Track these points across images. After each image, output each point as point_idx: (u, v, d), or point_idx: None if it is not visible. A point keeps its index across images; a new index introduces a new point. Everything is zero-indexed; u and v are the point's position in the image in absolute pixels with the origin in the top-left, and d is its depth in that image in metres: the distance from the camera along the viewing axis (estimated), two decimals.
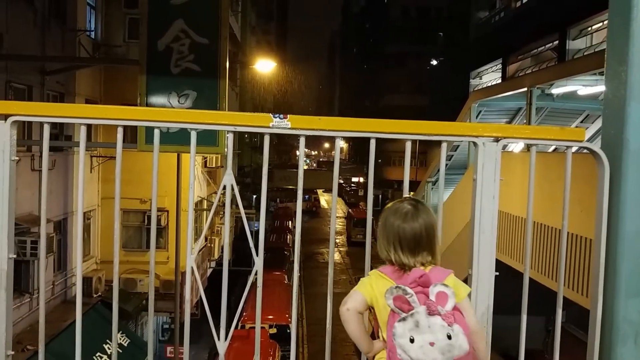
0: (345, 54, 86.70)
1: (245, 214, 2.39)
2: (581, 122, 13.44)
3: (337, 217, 46.38)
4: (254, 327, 2.54)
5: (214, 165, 19.82)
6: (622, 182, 2.15)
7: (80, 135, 2.14)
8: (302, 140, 2.20)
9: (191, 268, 2.25)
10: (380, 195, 40.90)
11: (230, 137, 2.18)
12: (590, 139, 12.42)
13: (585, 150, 2.26)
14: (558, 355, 2.28)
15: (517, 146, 11.43)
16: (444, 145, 2.29)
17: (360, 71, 64.62)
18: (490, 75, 26.62)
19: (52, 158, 12.02)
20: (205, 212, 18.13)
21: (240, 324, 13.94)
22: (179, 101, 8.71)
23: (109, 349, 11.20)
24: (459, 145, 14.03)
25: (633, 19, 2.12)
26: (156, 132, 2.17)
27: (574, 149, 2.27)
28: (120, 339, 12.19)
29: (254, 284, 2.29)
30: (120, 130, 2.15)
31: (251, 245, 2.28)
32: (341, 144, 2.26)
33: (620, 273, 2.16)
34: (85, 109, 2.23)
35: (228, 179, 2.18)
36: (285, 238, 28.53)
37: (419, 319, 1.81)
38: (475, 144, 2.18)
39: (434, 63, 40.31)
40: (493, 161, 2.17)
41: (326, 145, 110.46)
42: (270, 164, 2.52)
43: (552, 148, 9.75)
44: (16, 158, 2.10)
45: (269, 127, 2.12)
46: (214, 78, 8.72)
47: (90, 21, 14.54)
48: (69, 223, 13.25)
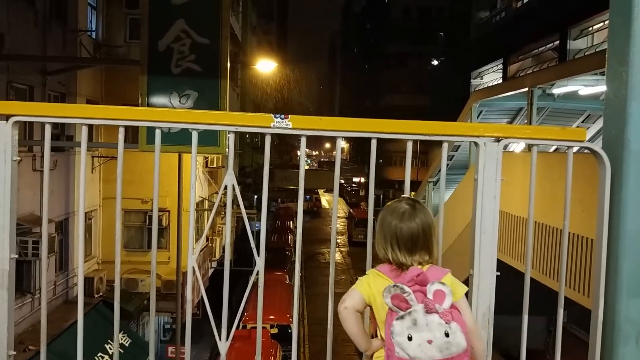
0: (346, 54, 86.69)
1: (246, 214, 2.39)
2: (582, 122, 13.43)
3: (338, 217, 46.55)
4: (255, 327, 2.54)
5: (215, 166, 19.83)
6: (623, 182, 2.15)
7: (82, 136, 2.14)
8: (303, 141, 2.20)
9: (192, 268, 2.25)
10: (382, 195, 40.85)
11: (231, 138, 2.19)
12: (592, 139, 12.41)
13: (586, 150, 2.26)
14: (559, 355, 2.28)
15: (518, 146, 11.43)
16: (445, 146, 2.29)
17: (361, 71, 64.59)
18: (491, 75, 26.60)
19: (54, 158, 12.03)
20: (206, 212, 18.14)
21: (241, 324, 13.93)
22: (180, 101, 8.72)
23: (111, 349, 11.20)
24: (460, 145, 14.03)
25: (634, 19, 2.12)
26: (157, 133, 2.17)
27: (575, 149, 2.26)
28: (121, 339, 12.19)
29: (255, 284, 2.29)
30: (121, 131, 2.15)
31: (252, 245, 2.28)
32: (342, 144, 2.26)
33: (621, 273, 2.15)
34: (87, 109, 2.23)
35: (229, 179, 2.18)
36: (287, 238, 28.51)
37: (416, 317, 1.82)
38: (476, 144, 2.18)
39: (435, 63, 40.26)
40: (494, 161, 2.17)
41: (327, 145, 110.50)
42: (271, 164, 2.52)
43: (553, 148, 9.75)
44: (17, 158, 2.10)
45: (270, 128, 2.12)
46: (215, 78, 8.73)
47: (91, 21, 14.56)
48: (70, 223, 13.26)
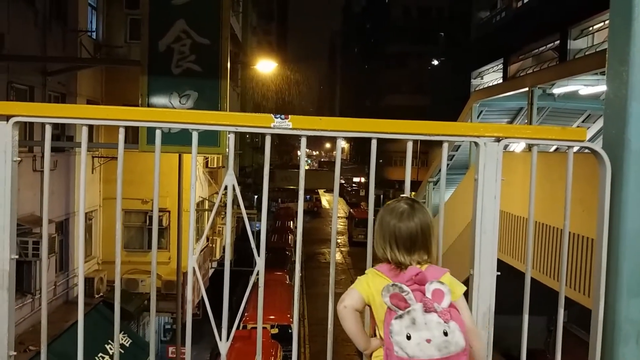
0: (346, 54, 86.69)
1: (246, 214, 2.40)
2: (582, 122, 13.42)
3: (339, 217, 46.56)
4: (255, 328, 2.54)
5: (215, 166, 19.83)
6: (624, 182, 2.15)
7: (82, 136, 2.14)
8: (304, 141, 2.21)
9: (193, 268, 2.25)
10: (382, 195, 40.84)
11: (231, 138, 2.19)
12: (592, 139, 12.41)
13: (586, 150, 2.26)
14: (560, 355, 2.28)
15: (519, 146, 11.42)
16: (445, 146, 2.28)
17: (361, 71, 64.58)
18: (492, 75, 26.58)
19: (54, 159, 12.03)
20: (206, 213, 18.14)
21: (241, 324, 13.93)
22: (180, 102, 8.72)
23: (111, 349, 11.20)
24: (460, 145, 14.02)
25: (634, 19, 2.12)
26: (158, 133, 2.18)
27: (576, 149, 2.26)
28: (122, 340, 12.19)
29: (255, 284, 2.29)
30: (121, 131, 2.15)
31: (253, 245, 2.28)
32: (342, 144, 2.26)
33: (622, 273, 2.15)
34: (87, 110, 2.23)
35: (229, 179, 2.18)
36: (287, 238, 28.52)
37: (415, 316, 1.82)
38: (476, 144, 2.18)
39: (435, 63, 40.24)
40: (494, 161, 2.17)
41: (327, 145, 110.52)
42: (271, 164, 2.52)
43: (554, 148, 9.74)
44: (18, 159, 2.10)
45: (270, 128, 2.12)
46: (215, 78, 8.73)
47: (91, 22, 14.57)
48: (70, 223, 13.26)
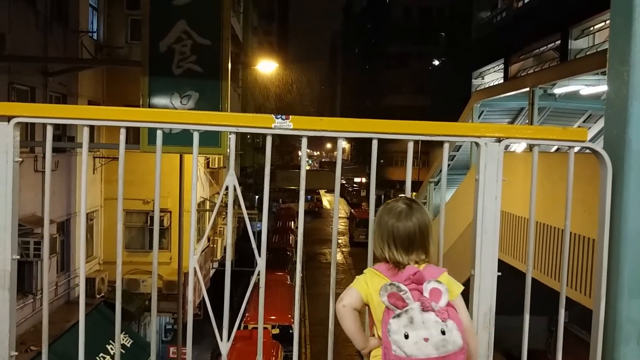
0: (347, 54, 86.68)
1: (247, 214, 2.40)
2: (584, 122, 13.41)
3: (340, 218, 46.58)
4: (256, 328, 2.54)
5: (216, 166, 19.84)
6: (625, 182, 2.15)
7: (83, 137, 2.15)
8: (305, 141, 2.21)
9: (194, 269, 2.25)
10: (383, 196, 40.81)
11: (232, 138, 2.19)
12: (593, 139, 12.40)
13: (587, 150, 2.26)
14: (561, 356, 2.28)
15: (520, 146, 11.42)
16: (446, 146, 2.28)
17: (362, 71, 64.56)
18: (493, 76, 26.57)
19: (55, 159, 12.04)
20: (207, 213, 18.14)
21: (242, 325, 13.94)
22: (181, 102, 8.72)
23: (112, 349, 11.21)
24: (461, 146, 14.02)
25: (635, 19, 2.12)
26: (159, 133, 2.18)
27: (577, 149, 2.26)
28: (123, 340, 12.20)
29: (256, 284, 2.29)
30: (122, 132, 2.15)
31: (254, 245, 2.28)
32: (343, 144, 2.26)
33: (623, 273, 2.15)
34: (88, 110, 2.23)
35: (230, 179, 2.18)
36: (288, 238, 28.53)
37: (413, 315, 1.83)
38: (477, 144, 2.18)
39: (436, 63, 40.20)
40: (495, 161, 2.17)
41: (328, 145, 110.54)
42: (272, 164, 2.52)
43: (555, 148, 9.74)
44: (19, 159, 2.10)
45: (271, 128, 2.12)
46: (216, 79, 8.73)
47: (92, 22, 14.58)
48: (72, 224, 13.27)
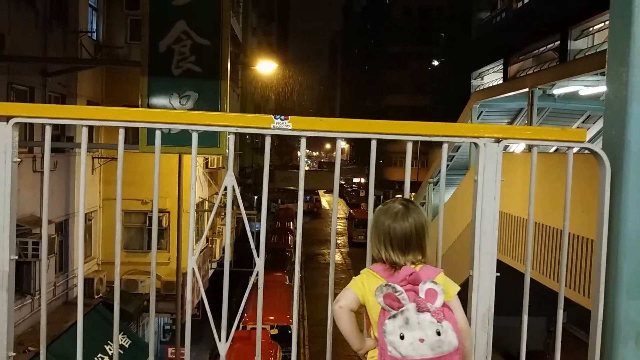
0: (347, 54, 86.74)
1: (246, 215, 2.39)
2: (583, 123, 13.42)
3: (339, 218, 46.51)
4: (255, 328, 2.54)
5: (215, 166, 19.84)
6: (623, 183, 2.15)
7: (82, 137, 2.14)
8: (304, 142, 2.21)
9: (192, 269, 2.25)
10: (382, 196, 40.85)
11: (231, 139, 2.19)
12: (592, 140, 12.40)
13: (586, 151, 2.26)
14: (559, 356, 2.28)
15: (519, 147, 11.43)
16: (445, 146, 2.28)
17: (362, 71, 64.58)
18: (492, 76, 26.58)
19: (54, 159, 12.03)
20: (206, 213, 18.14)
21: (241, 325, 13.93)
22: (180, 102, 8.72)
23: (110, 350, 11.20)
24: (460, 146, 14.02)
25: (634, 20, 2.12)
26: (157, 134, 2.17)
27: (575, 150, 2.27)
28: (121, 340, 12.19)
29: (255, 285, 2.29)
30: (121, 132, 2.15)
31: (252, 246, 2.28)
32: (342, 144, 2.26)
33: (621, 273, 2.15)
34: (87, 111, 2.23)
35: (229, 180, 2.18)
36: (287, 239, 28.50)
37: (408, 316, 1.83)
38: (476, 144, 2.18)
39: (436, 63, 40.19)
40: (494, 162, 2.17)
41: (327, 146, 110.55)
42: (271, 165, 2.52)
43: (554, 149, 9.74)
44: (18, 159, 2.10)
45: (270, 129, 2.12)
46: (216, 79, 8.73)
47: (91, 22, 14.57)
48: (70, 224, 13.26)
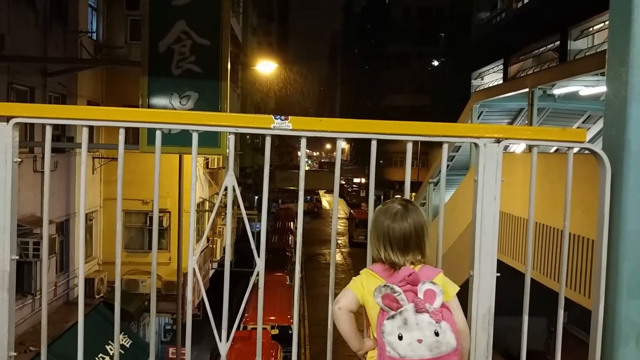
0: (347, 54, 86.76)
1: (246, 215, 2.40)
2: (583, 123, 13.41)
3: (339, 218, 46.52)
4: (255, 328, 2.54)
5: (215, 167, 19.84)
6: (624, 183, 2.15)
7: (82, 137, 2.14)
8: (304, 142, 2.21)
9: (193, 269, 2.25)
10: (382, 196, 40.84)
11: (231, 139, 2.18)
12: (592, 140, 12.39)
13: (586, 151, 2.26)
14: (560, 356, 2.28)
15: (519, 147, 11.42)
16: (445, 147, 2.28)
17: (362, 72, 64.57)
18: (492, 76, 26.58)
19: (54, 159, 12.04)
20: (207, 213, 18.14)
21: (242, 325, 13.93)
22: (180, 102, 8.72)
23: (111, 350, 11.20)
24: (460, 146, 14.01)
25: (634, 20, 2.12)
26: (158, 134, 2.17)
27: (576, 150, 2.26)
28: (122, 340, 12.19)
29: (255, 285, 2.29)
30: (122, 132, 2.15)
31: (253, 246, 2.28)
32: (343, 144, 2.26)
33: (622, 273, 2.15)
34: (87, 111, 2.23)
35: (230, 180, 2.18)
36: (287, 239, 28.51)
37: (407, 317, 1.83)
38: (476, 145, 2.18)
39: (436, 63, 40.18)
40: (494, 162, 2.17)
41: (328, 146, 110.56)
42: (271, 165, 2.53)
43: (554, 149, 9.74)
44: (18, 159, 2.10)
45: (270, 129, 2.12)
46: (216, 79, 8.73)
47: (91, 23, 14.58)
48: (71, 224, 13.27)
